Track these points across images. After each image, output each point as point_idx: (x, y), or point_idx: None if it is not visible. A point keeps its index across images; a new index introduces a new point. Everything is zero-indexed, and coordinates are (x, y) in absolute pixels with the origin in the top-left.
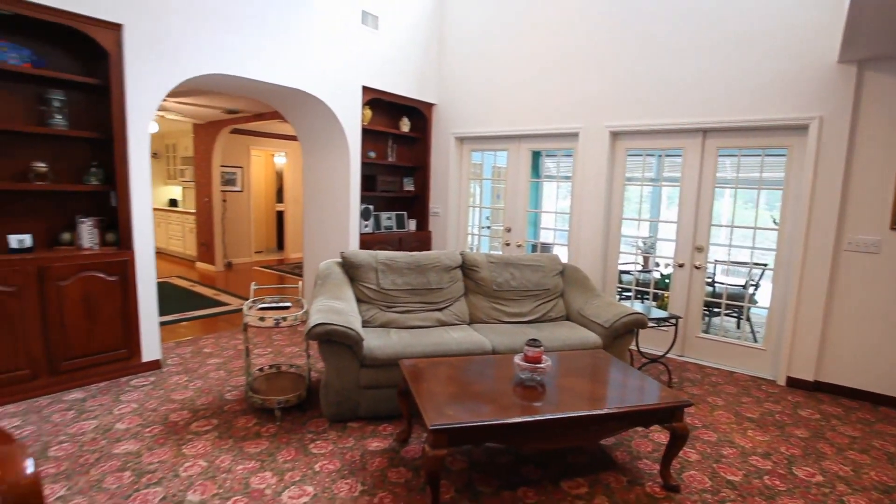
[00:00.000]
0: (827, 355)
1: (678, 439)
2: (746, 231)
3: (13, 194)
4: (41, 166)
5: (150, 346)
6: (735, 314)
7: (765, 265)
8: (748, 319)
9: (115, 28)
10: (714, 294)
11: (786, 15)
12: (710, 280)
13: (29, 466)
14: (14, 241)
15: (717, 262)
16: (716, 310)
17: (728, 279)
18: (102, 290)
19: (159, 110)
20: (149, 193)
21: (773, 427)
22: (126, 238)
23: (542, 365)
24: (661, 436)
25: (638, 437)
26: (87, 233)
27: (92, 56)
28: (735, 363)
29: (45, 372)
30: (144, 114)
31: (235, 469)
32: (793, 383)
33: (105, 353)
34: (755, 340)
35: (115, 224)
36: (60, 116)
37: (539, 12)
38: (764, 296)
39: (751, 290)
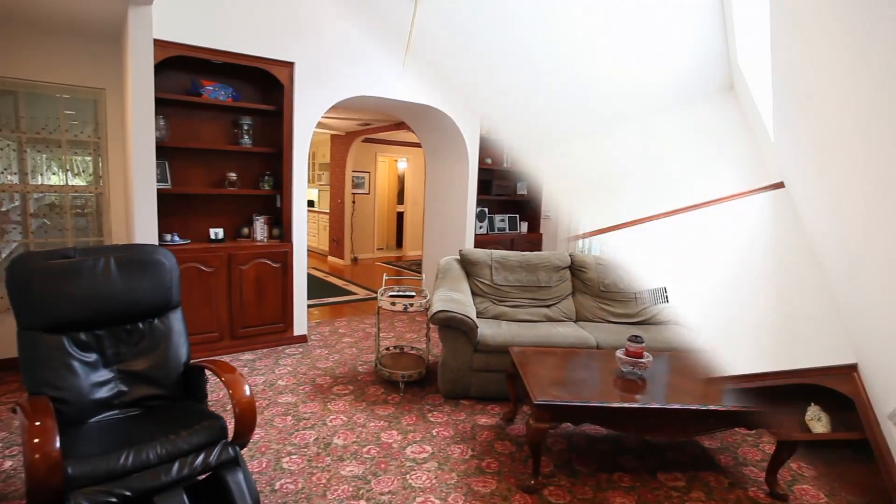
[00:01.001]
0: None
1: (785, 447)
2: None
3: (214, 197)
4: (232, 175)
5: (300, 323)
6: None
7: None
8: None
9: (289, 66)
10: None
11: None
12: None
13: (247, 390)
14: (212, 233)
15: None
16: None
17: None
18: (269, 274)
19: None
20: (304, 197)
21: None
22: (287, 233)
23: (642, 360)
24: (772, 446)
25: (747, 444)
26: (260, 228)
27: (270, 88)
28: None
29: (227, 335)
30: (305, 131)
31: (369, 425)
32: None
33: (268, 325)
34: None
35: (279, 221)
36: (247, 137)
37: None
38: None
39: None
